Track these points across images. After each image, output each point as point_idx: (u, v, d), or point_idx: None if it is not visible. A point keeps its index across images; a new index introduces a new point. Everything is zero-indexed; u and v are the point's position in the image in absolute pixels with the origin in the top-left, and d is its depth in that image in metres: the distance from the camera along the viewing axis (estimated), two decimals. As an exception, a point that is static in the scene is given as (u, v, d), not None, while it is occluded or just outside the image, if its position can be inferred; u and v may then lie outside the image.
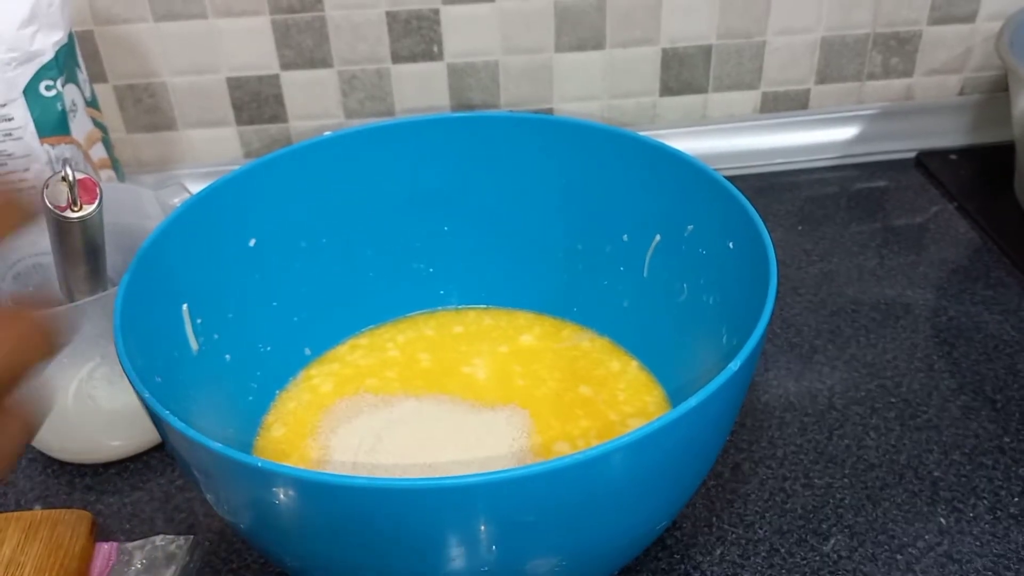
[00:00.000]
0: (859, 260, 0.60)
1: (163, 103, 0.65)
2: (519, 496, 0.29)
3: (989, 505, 0.43)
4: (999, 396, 0.49)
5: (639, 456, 0.30)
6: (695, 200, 0.43)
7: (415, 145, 0.48)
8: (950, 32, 0.68)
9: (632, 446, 0.29)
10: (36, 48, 0.49)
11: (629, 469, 0.30)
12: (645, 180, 0.45)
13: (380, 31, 0.63)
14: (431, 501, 0.28)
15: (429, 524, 0.29)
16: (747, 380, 0.35)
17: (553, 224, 0.49)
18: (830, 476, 0.45)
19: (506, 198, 0.49)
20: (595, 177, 0.47)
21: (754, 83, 0.69)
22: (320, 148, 0.47)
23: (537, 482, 0.28)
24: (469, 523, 0.29)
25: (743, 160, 0.69)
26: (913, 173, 0.69)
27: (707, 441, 0.34)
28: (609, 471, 0.30)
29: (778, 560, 0.41)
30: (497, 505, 0.29)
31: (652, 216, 0.46)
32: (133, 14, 0.61)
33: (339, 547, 0.31)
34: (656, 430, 0.29)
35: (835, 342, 0.53)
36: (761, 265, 0.37)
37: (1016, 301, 0.55)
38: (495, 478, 0.28)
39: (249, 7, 0.61)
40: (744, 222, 0.39)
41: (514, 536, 0.30)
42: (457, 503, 0.28)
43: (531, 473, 0.28)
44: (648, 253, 0.47)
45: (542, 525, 0.30)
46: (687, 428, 0.30)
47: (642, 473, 0.31)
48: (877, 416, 0.48)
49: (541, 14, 0.64)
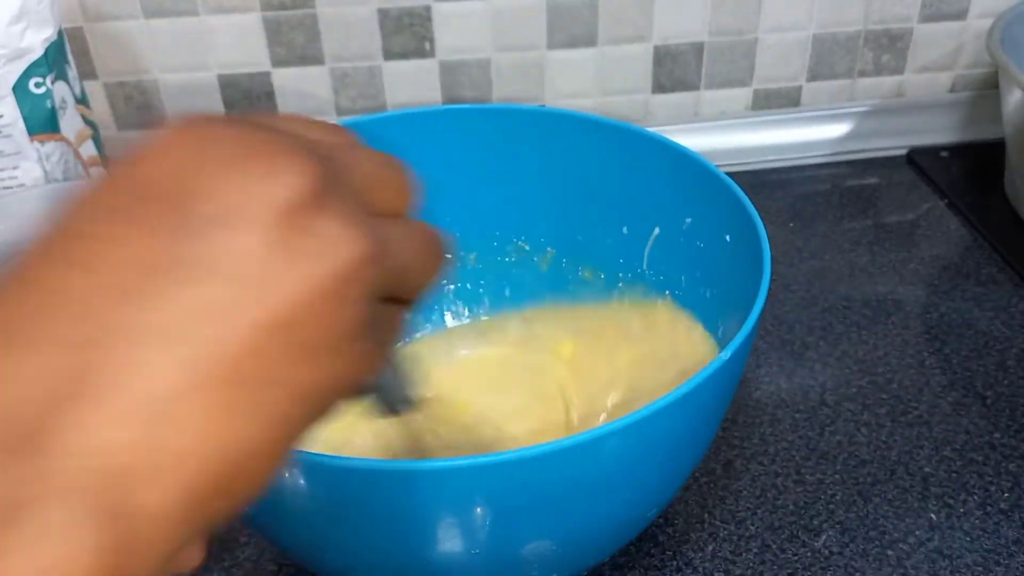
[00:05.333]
0: (851, 257, 0.60)
1: (154, 100, 0.64)
2: (507, 480, 0.29)
3: (979, 501, 0.43)
4: (989, 392, 0.49)
5: (629, 442, 0.30)
6: (693, 193, 0.43)
7: (412, 137, 0.48)
8: (941, 29, 0.69)
9: (622, 432, 0.29)
10: (25, 45, 0.49)
11: (619, 454, 0.31)
12: (645, 173, 0.46)
13: (372, 28, 0.63)
14: (423, 484, 0.28)
15: (421, 507, 0.29)
16: (738, 371, 0.35)
17: (553, 216, 0.50)
18: (822, 472, 0.45)
19: (506, 190, 0.50)
20: (595, 169, 0.47)
21: (746, 80, 0.69)
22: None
23: (526, 466, 0.28)
24: (461, 506, 0.30)
25: (735, 157, 0.69)
26: (904, 170, 0.69)
27: (697, 429, 0.35)
28: (600, 456, 0.30)
29: (770, 556, 0.41)
30: (487, 488, 0.29)
31: (651, 209, 0.46)
32: (123, 11, 0.61)
33: (331, 528, 0.31)
34: (646, 416, 0.29)
35: (827, 339, 0.53)
36: (756, 257, 0.37)
37: (1006, 298, 0.56)
38: (482, 462, 0.28)
39: (240, 4, 0.61)
40: (740, 215, 0.40)
41: (504, 519, 0.31)
42: (449, 486, 0.29)
43: (519, 457, 0.28)
44: (647, 246, 0.47)
45: (531, 509, 0.30)
46: (677, 415, 0.31)
47: (632, 459, 0.31)
48: (868, 412, 0.48)
49: (533, 11, 0.64)
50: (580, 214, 0.49)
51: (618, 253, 0.49)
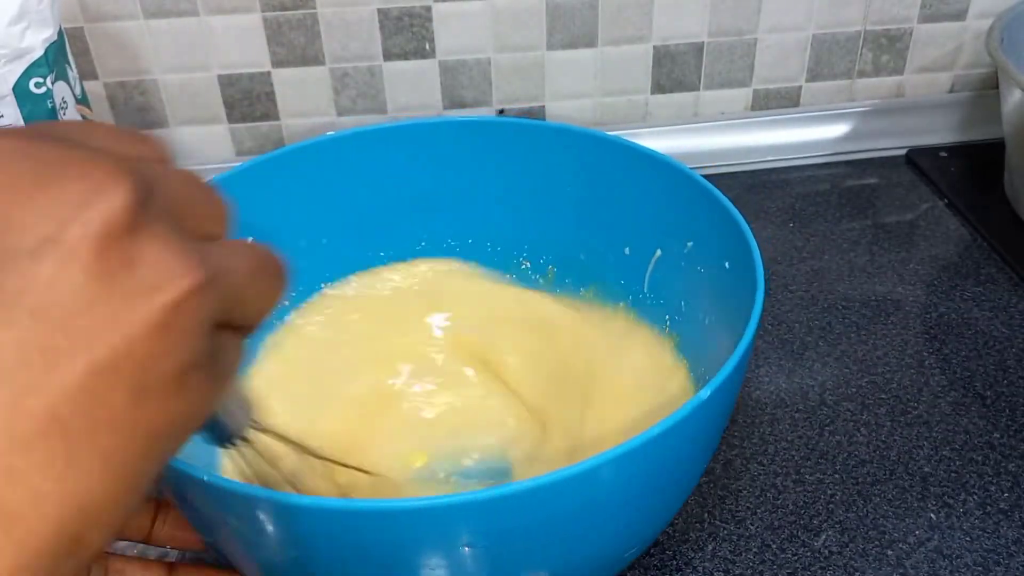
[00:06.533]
0: (850, 257, 0.60)
1: (154, 101, 0.64)
2: (499, 514, 0.28)
3: (979, 500, 0.43)
4: (989, 392, 0.49)
5: (595, 484, 0.29)
6: (696, 217, 0.42)
7: (418, 149, 0.48)
8: (940, 30, 0.69)
9: (583, 476, 0.28)
10: (26, 45, 0.49)
11: (597, 490, 0.30)
12: (649, 192, 0.45)
13: (372, 28, 0.63)
14: (410, 522, 0.28)
15: (408, 543, 0.29)
16: (726, 405, 0.34)
17: (557, 232, 0.49)
18: (821, 472, 0.45)
19: (511, 203, 0.49)
20: (600, 186, 0.47)
21: (745, 81, 0.69)
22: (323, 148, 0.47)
23: (506, 502, 0.28)
24: (447, 543, 0.29)
25: (734, 157, 0.69)
26: (904, 170, 0.69)
27: (675, 468, 0.33)
28: (585, 490, 0.29)
29: (769, 556, 0.41)
30: (469, 524, 0.29)
31: (654, 230, 0.46)
32: (123, 11, 0.61)
33: (315, 566, 0.31)
34: (607, 461, 0.28)
35: (826, 339, 0.53)
36: (751, 289, 0.36)
37: (1006, 298, 0.56)
38: (463, 500, 0.27)
39: (240, 4, 0.61)
40: (740, 243, 0.38)
41: (481, 554, 0.30)
42: (435, 523, 0.28)
43: (503, 494, 0.27)
44: (649, 268, 0.47)
45: (511, 543, 0.30)
46: (649, 456, 0.30)
47: (608, 495, 0.30)
48: (868, 412, 0.48)
49: (533, 12, 0.64)
50: (583, 232, 0.49)
51: (620, 274, 0.48)
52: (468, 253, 0.51)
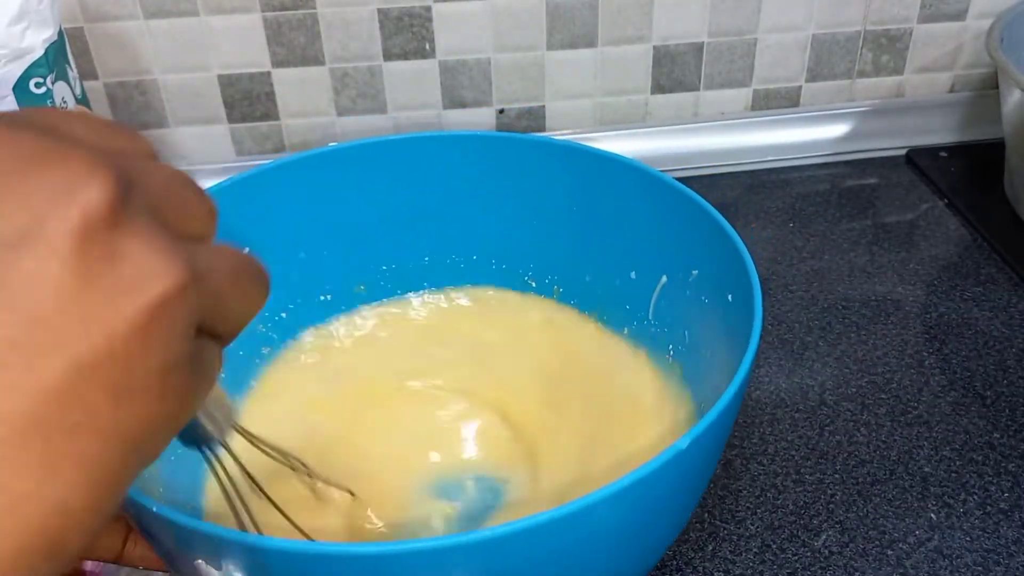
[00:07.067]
0: (850, 257, 0.60)
1: (154, 101, 0.64)
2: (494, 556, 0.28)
3: (979, 500, 0.43)
4: (989, 392, 0.49)
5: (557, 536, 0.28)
6: (702, 245, 0.42)
7: (419, 163, 0.48)
8: (940, 30, 0.69)
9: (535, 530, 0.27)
10: (26, 45, 0.49)
11: (566, 538, 0.29)
12: (655, 217, 0.44)
13: (372, 28, 0.63)
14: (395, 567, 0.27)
15: None
16: (710, 454, 0.34)
17: (562, 252, 0.49)
18: (821, 472, 0.45)
19: (515, 220, 0.49)
20: (609, 208, 0.46)
21: (745, 81, 0.69)
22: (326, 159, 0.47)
23: (488, 546, 0.27)
24: None
25: (734, 157, 0.69)
26: (904, 170, 0.69)
27: (655, 514, 0.33)
28: (560, 537, 0.28)
29: (769, 556, 0.41)
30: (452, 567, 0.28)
31: (660, 255, 0.45)
32: (123, 11, 0.61)
33: None
34: (570, 513, 0.27)
35: (826, 339, 0.53)
36: (748, 325, 0.34)
37: (1006, 297, 0.56)
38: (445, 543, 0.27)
39: (240, 4, 0.61)
40: (742, 277, 0.37)
41: None
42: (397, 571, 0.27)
43: (483, 538, 0.27)
44: (654, 295, 0.46)
45: None
46: (620, 506, 0.29)
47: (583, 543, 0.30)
48: (868, 412, 0.48)
49: (533, 12, 0.64)
50: (589, 253, 0.48)
51: (625, 299, 0.47)
52: (473, 271, 0.51)
